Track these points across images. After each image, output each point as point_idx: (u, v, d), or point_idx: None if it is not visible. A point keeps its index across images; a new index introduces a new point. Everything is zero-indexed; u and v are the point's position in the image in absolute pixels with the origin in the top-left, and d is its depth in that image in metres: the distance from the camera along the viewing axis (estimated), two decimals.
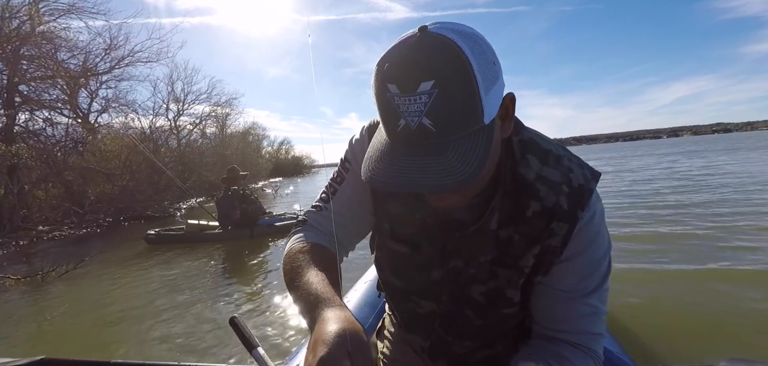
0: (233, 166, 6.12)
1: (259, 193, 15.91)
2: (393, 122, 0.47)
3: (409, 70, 0.44)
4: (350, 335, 0.43)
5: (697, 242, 3.64)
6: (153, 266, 4.67)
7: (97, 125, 11.82)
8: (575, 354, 0.61)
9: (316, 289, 0.53)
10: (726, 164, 11.11)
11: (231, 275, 4.15)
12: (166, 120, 15.62)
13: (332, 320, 0.45)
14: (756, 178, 7.53)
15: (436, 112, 0.44)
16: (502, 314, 0.69)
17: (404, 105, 0.44)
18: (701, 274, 2.80)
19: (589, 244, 0.59)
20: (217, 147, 18.32)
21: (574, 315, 0.62)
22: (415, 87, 0.43)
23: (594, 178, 0.60)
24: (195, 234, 5.91)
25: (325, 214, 0.69)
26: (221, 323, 2.74)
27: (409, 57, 0.44)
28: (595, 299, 0.61)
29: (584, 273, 0.61)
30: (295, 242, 0.66)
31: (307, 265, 0.59)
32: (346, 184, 0.69)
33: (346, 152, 0.70)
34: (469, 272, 0.66)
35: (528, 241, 0.60)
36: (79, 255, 4.87)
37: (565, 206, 0.57)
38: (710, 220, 4.43)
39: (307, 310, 0.52)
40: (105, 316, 3.15)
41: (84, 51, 10.45)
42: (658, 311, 2.31)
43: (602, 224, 0.61)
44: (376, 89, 0.47)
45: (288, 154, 41.80)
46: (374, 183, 0.49)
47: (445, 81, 0.43)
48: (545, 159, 0.60)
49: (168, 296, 3.49)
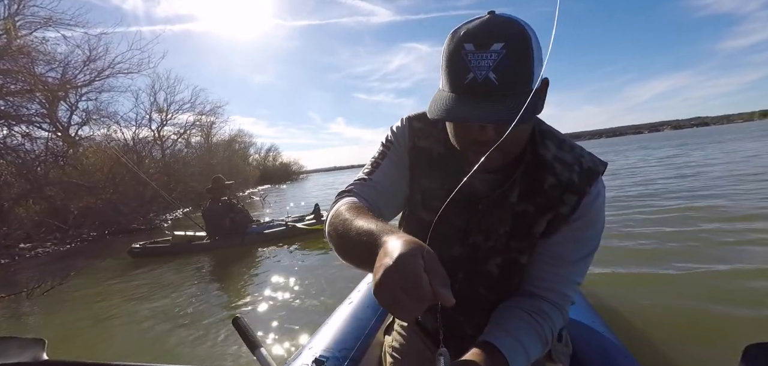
0: (218, 176, 6.06)
1: (247, 202, 15.81)
2: (461, 75, 0.56)
3: (484, 32, 0.55)
4: (422, 246, 0.44)
5: (703, 239, 3.51)
6: (142, 278, 4.62)
7: (78, 138, 11.59)
8: (552, 310, 0.71)
9: (373, 226, 0.54)
10: (717, 156, 11.11)
11: (225, 283, 4.15)
12: (150, 130, 15.40)
13: (399, 237, 0.46)
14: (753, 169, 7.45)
15: (501, 68, 0.54)
16: (513, 284, 0.76)
17: (476, 60, 0.55)
18: (704, 273, 2.73)
19: (589, 219, 0.69)
20: (202, 156, 18.12)
21: (560, 277, 0.72)
22: (489, 45, 0.54)
23: (602, 164, 0.71)
24: (182, 245, 5.81)
25: (369, 184, 0.76)
26: (219, 330, 2.76)
27: (485, 25, 0.56)
28: (579, 267, 0.72)
29: (579, 243, 0.70)
30: (341, 204, 0.69)
31: (357, 216, 0.60)
32: (388, 159, 0.79)
33: (387, 136, 0.81)
34: (488, 245, 0.74)
35: (542, 211, 0.70)
36: (64, 271, 4.80)
37: (576, 181, 0.68)
38: (713, 214, 4.30)
39: (366, 245, 0.52)
40: (94, 329, 3.14)
41: (63, 63, 10.27)
42: (666, 313, 2.23)
43: (603, 207, 0.71)
44: (452, 47, 0.57)
45: (275, 161, 41.57)
46: (447, 117, 0.57)
47: (512, 45, 0.54)
48: (561, 145, 0.71)
49: (161, 306, 3.48)
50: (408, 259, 0.41)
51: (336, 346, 1.05)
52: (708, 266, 2.84)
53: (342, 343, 1.07)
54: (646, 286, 2.66)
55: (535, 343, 0.67)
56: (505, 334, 0.66)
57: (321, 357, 0.99)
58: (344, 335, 1.11)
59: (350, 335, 1.11)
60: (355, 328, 1.15)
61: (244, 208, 6.07)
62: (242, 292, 3.71)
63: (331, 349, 1.04)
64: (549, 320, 0.69)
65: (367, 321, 1.20)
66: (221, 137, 21.70)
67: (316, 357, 0.99)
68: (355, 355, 1.04)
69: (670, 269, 2.88)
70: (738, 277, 2.60)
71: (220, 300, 3.56)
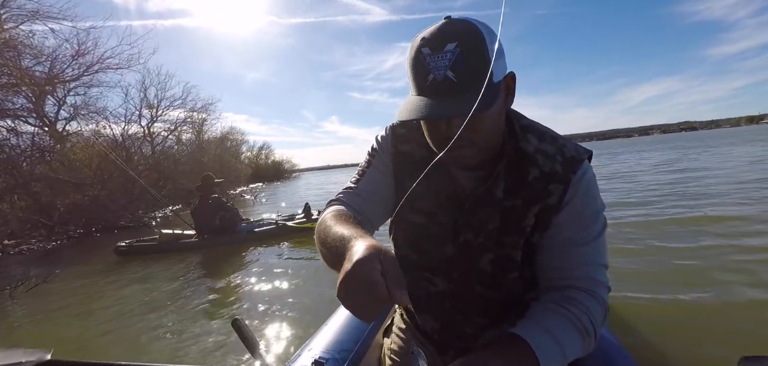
0: (208, 174, 6.01)
1: (238, 200, 15.69)
2: (423, 77, 0.60)
3: (439, 35, 0.59)
4: (380, 249, 0.48)
5: (704, 237, 3.58)
6: (128, 277, 4.58)
7: (66, 133, 11.40)
8: (582, 296, 0.67)
9: (346, 232, 0.57)
10: (713, 159, 11.24)
11: (214, 282, 4.10)
12: (140, 127, 15.17)
13: (362, 242, 0.50)
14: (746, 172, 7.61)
15: (458, 66, 0.58)
16: (508, 280, 0.76)
17: (433, 61, 0.58)
18: (703, 274, 2.75)
19: (582, 197, 0.69)
20: (193, 153, 17.92)
21: (577, 262, 0.69)
22: (443, 46, 0.58)
23: (586, 153, 0.71)
24: (170, 243, 5.74)
25: (355, 192, 0.79)
26: (214, 331, 2.75)
27: (439, 28, 0.60)
28: (593, 248, 0.69)
29: (583, 223, 0.69)
30: (328, 213, 0.71)
31: (337, 224, 0.63)
32: (373, 168, 0.82)
33: (372, 145, 0.84)
34: (479, 242, 0.75)
35: (529, 203, 0.70)
36: (49, 269, 4.73)
37: (560, 171, 0.69)
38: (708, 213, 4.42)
39: (338, 251, 0.55)
40: (78, 327, 3.10)
41: (50, 57, 10.08)
42: (666, 315, 2.25)
43: (594, 184, 0.71)
44: (412, 54, 0.62)
45: (268, 159, 41.27)
46: (410, 117, 0.59)
47: (465, 43, 0.58)
48: (542, 137, 0.72)
49: (148, 306, 3.45)
50: (365, 263, 0.45)
51: (335, 348, 1.06)
52: (706, 266, 2.86)
53: (341, 344, 1.07)
54: (646, 287, 2.68)
55: (568, 331, 0.63)
56: (529, 322, 0.65)
57: (320, 358, 0.99)
58: (343, 337, 1.11)
59: (349, 337, 1.11)
60: (354, 329, 1.15)
61: (233, 206, 6.04)
62: (233, 292, 3.68)
63: (330, 350, 1.04)
64: (582, 308, 0.66)
65: (366, 323, 1.18)
66: (213, 134, 21.49)
67: (315, 358, 0.99)
68: (355, 357, 1.04)
69: (669, 270, 2.90)
70: (738, 279, 2.62)
71: (211, 299, 3.53)
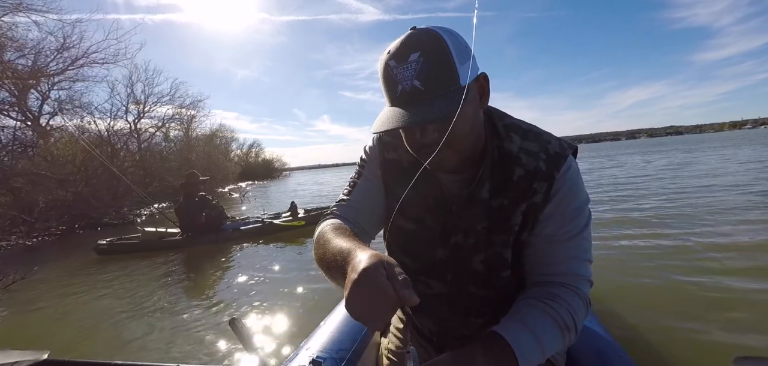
0: (192, 171, 5.95)
1: (226, 198, 15.54)
2: (393, 89, 0.62)
3: (402, 47, 0.61)
4: (382, 257, 0.49)
5: (696, 239, 3.61)
6: (109, 275, 4.51)
7: (50, 128, 11.18)
8: (564, 292, 0.69)
9: (344, 245, 0.59)
10: (707, 161, 11.37)
11: (198, 281, 4.09)
12: (126, 122, 14.93)
13: (364, 253, 0.51)
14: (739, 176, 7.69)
15: (423, 74, 0.59)
16: (501, 279, 0.77)
17: (400, 73, 0.60)
18: (701, 274, 2.77)
19: (567, 191, 0.70)
20: (181, 150, 17.70)
21: (561, 257, 0.71)
22: (407, 57, 0.60)
23: (570, 148, 0.73)
24: (152, 242, 5.64)
25: (348, 204, 0.81)
26: (206, 330, 2.74)
27: (404, 41, 0.62)
28: (576, 243, 0.71)
29: (566, 218, 0.70)
30: (324, 226, 0.73)
31: (335, 237, 0.65)
32: (363, 178, 0.84)
33: (361, 156, 0.87)
34: (469, 243, 0.76)
35: (516, 202, 0.71)
36: (28, 266, 4.65)
37: (543, 168, 0.70)
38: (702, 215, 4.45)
39: (339, 264, 0.57)
40: (56, 326, 3.07)
41: (34, 50, 9.88)
42: (659, 315, 2.26)
43: (578, 178, 0.72)
44: (382, 67, 0.63)
45: (258, 157, 40.94)
46: (382, 128, 0.61)
47: (427, 52, 0.59)
48: (526, 136, 0.74)
49: (129, 304, 3.43)
50: (371, 270, 0.47)
51: (333, 347, 1.05)
52: (705, 267, 2.89)
53: (339, 343, 1.07)
54: (643, 286, 2.68)
55: (547, 327, 0.64)
56: (509, 320, 0.66)
57: (318, 358, 0.99)
58: (341, 336, 1.11)
59: (347, 336, 1.11)
60: (351, 329, 1.14)
61: (218, 204, 6.00)
62: (223, 291, 3.64)
63: (328, 349, 1.04)
64: (563, 303, 0.67)
65: (362, 326, 1.17)
66: (202, 132, 21.24)
67: (312, 358, 0.99)
68: (352, 357, 1.04)
69: (667, 270, 2.92)
70: (735, 277, 2.66)
71: (202, 299, 3.51)
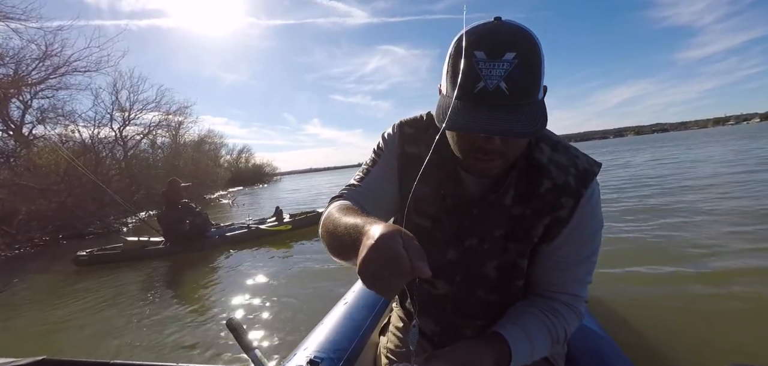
0: (174, 179, 5.89)
1: (214, 204, 15.42)
2: (471, 84, 0.55)
3: (496, 40, 0.55)
4: (400, 229, 0.47)
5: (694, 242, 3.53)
6: (90, 286, 4.47)
7: (32, 138, 11.02)
8: (565, 310, 0.73)
9: (359, 220, 0.56)
10: (701, 158, 11.41)
11: (181, 289, 4.06)
12: (111, 130, 14.73)
13: (380, 224, 0.49)
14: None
15: (513, 79, 0.54)
16: (513, 287, 0.77)
17: (487, 69, 0.54)
18: (699, 274, 2.76)
19: (589, 213, 0.70)
20: (169, 157, 17.52)
21: (568, 278, 0.73)
22: (502, 54, 0.54)
23: (597, 165, 0.72)
24: (134, 252, 5.56)
25: (359, 190, 0.77)
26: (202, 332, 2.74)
27: (495, 32, 0.56)
28: (585, 267, 0.73)
29: (582, 242, 0.71)
30: (333, 206, 0.71)
31: (347, 214, 0.62)
32: (378, 166, 0.80)
33: (378, 143, 0.82)
34: (484, 248, 0.74)
35: (539, 214, 0.70)
36: (7, 278, 4.59)
37: (572, 184, 0.69)
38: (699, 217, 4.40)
39: (352, 237, 0.54)
40: (37, 340, 3.05)
41: (15, 59, 9.76)
42: (657, 315, 2.25)
43: (599, 204, 0.72)
44: (461, 54, 0.55)
45: (248, 162, 40.66)
46: (463, 128, 0.55)
47: (524, 55, 0.54)
48: (556, 147, 0.71)
49: (113, 314, 3.41)
50: (388, 237, 0.45)
51: (331, 347, 1.05)
52: (703, 267, 2.89)
53: (337, 343, 1.07)
54: (641, 287, 2.69)
55: (543, 338, 0.68)
56: (510, 323, 0.69)
57: (316, 358, 0.99)
58: (339, 336, 1.11)
59: (345, 336, 1.10)
60: (349, 328, 1.14)
61: (202, 211, 5.98)
62: (211, 296, 3.62)
63: (325, 349, 1.04)
64: (562, 319, 0.71)
65: (362, 321, 1.19)
66: (190, 138, 21.06)
67: (310, 357, 0.99)
68: (350, 356, 1.03)
69: (665, 270, 2.93)
70: (732, 277, 2.66)
71: (187, 304, 3.50)
